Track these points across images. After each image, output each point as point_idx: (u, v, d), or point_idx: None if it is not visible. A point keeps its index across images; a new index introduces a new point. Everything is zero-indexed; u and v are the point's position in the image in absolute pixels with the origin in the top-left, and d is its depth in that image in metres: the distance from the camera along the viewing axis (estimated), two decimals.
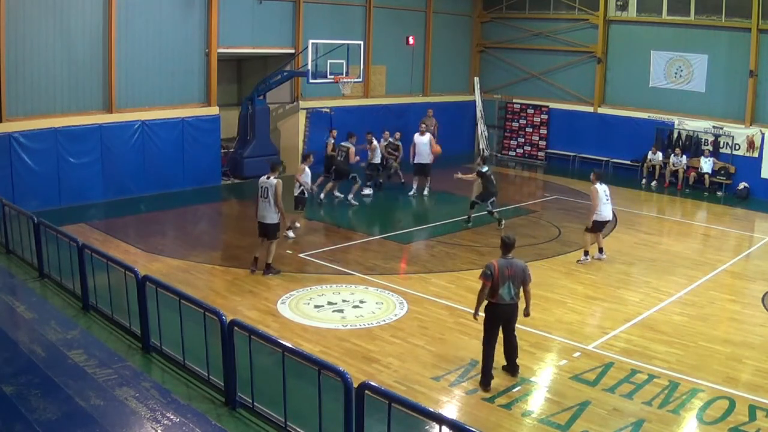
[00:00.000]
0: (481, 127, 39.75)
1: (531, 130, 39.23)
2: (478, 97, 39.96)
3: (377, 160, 28.02)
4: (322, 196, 26.20)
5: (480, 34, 40.40)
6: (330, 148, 27.58)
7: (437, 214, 25.98)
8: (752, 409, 12.66)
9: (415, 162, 28.32)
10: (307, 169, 20.74)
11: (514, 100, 39.71)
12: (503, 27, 39.54)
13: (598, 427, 11.70)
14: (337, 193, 26.83)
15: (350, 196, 26.36)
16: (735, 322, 17.35)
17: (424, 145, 27.88)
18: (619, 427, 11.78)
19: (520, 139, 39.57)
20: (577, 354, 14.66)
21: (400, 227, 24.53)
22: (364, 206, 26.37)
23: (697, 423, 12.25)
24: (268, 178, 18.20)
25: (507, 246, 13.15)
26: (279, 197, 18.02)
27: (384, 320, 15.80)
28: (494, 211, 23.92)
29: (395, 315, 16.15)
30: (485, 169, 23.82)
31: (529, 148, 39.35)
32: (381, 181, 29.04)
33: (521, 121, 39.55)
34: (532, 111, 39.10)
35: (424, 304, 16.97)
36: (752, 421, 12.27)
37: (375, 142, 27.78)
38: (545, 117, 38.73)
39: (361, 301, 16.84)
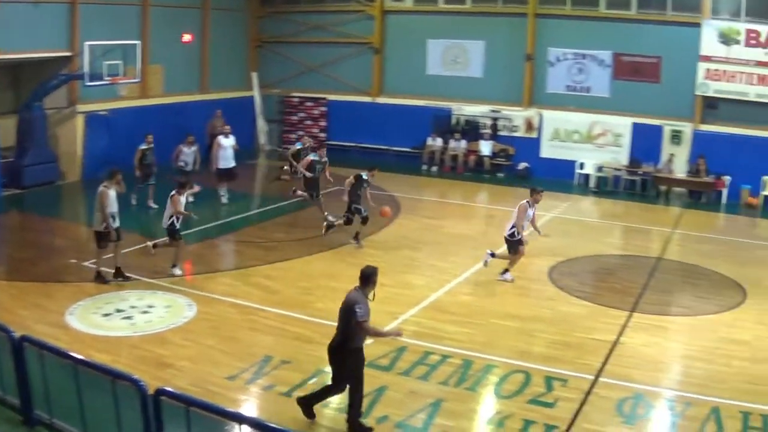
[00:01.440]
0: (260, 122, 39.85)
1: (311, 122, 39.73)
2: (256, 93, 40.02)
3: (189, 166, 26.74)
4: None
5: (257, 30, 40.50)
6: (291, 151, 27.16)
7: (222, 212, 25.88)
8: (549, 380, 13.50)
9: (221, 167, 26.87)
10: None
11: (293, 94, 40.06)
12: (280, 21, 39.85)
13: (397, 411, 12.13)
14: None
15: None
16: (524, 297, 18.40)
17: (231, 148, 27.07)
18: (418, 408, 12.25)
19: (300, 133, 39.75)
20: (369, 341, 14.95)
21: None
22: (148, 210, 25.61)
23: (495, 398, 12.98)
24: None
25: (360, 277, 11.84)
26: (100, 205, 17.80)
27: (174, 323, 15.74)
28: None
29: (185, 317, 16.11)
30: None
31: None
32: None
33: (300, 115, 40.00)
34: (311, 104, 39.59)
35: (212, 304, 17.00)
36: (550, 392, 13.10)
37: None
38: (324, 109, 39.31)
39: (150, 306, 16.73)
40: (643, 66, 33.21)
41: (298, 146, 27.57)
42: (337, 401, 12.42)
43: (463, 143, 35.19)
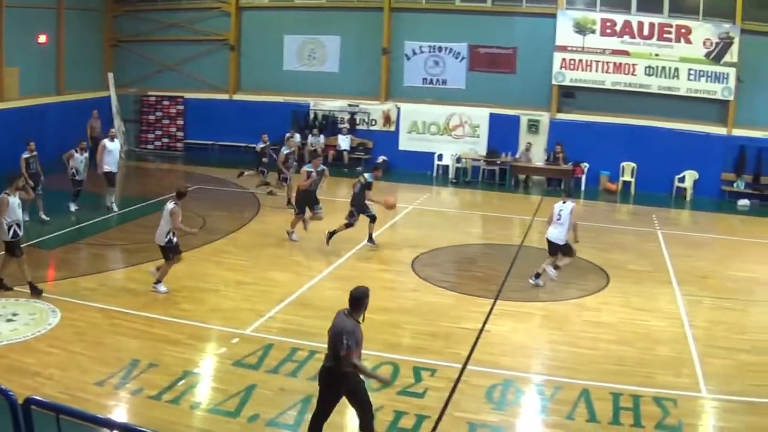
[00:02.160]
0: (117, 123, 39.16)
1: (168, 121, 39.42)
2: (113, 93, 39.18)
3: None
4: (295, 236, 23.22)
5: (112, 29, 39.77)
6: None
7: (82, 216, 24.97)
8: (417, 371, 13.73)
9: (107, 171, 25.48)
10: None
11: (150, 93, 39.59)
12: (136, 20, 39.24)
13: (267, 409, 12.12)
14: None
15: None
16: (388, 290, 18.52)
17: (117, 151, 26.21)
18: (289, 405, 12.27)
19: (157, 132, 39.61)
20: (235, 340, 15.01)
21: (50, 231, 22.97)
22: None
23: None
24: None
25: (349, 300, 10.74)
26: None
27: (39, 331, 15.28)
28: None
29: (49, 324, 15.65)
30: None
31: (167, 140, 39.54)
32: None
33: (158, 114, 39.60)
34: (168, 102, 39.24)
35: (76, 309, 16.55)
36: (419, 382, 13.32)
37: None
38: (181, 108, 39.05)
39: (14, 314, 16.20)
40: (499, 57, 34.01)
41: (285, 151, 27.17)
42: (208, 401, 12.48)
43: (322, 138, 35.45)
